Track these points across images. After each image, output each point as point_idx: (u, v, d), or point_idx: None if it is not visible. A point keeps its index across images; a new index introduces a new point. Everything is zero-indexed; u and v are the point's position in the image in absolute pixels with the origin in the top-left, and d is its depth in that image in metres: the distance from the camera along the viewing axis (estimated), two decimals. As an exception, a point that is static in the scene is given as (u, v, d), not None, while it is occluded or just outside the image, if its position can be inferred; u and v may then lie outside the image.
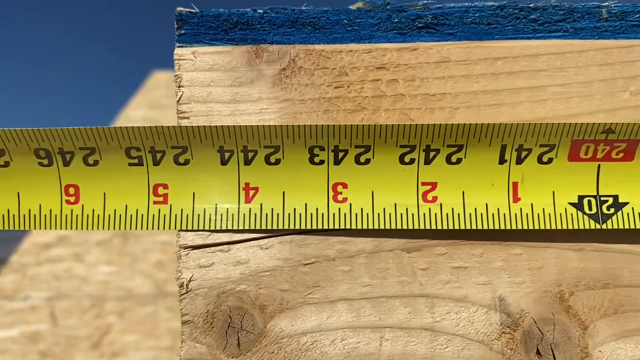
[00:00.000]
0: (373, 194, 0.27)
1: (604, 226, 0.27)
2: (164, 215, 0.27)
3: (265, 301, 0.28)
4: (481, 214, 0.27)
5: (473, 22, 0.30)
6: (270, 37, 0.30)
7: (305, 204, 0.27)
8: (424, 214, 0.27)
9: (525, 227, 0.27)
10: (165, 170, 0.27)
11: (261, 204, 0.27)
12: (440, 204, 0.27)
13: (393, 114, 0.29)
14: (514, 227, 0.27)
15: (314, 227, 0.27)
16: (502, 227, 0.27)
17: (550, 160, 0.27)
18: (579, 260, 0.28)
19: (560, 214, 0.27)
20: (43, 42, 16.43)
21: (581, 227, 0.27)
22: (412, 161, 0.27)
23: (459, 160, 0.27)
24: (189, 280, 0.27)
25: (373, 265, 0.28)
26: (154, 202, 0.27)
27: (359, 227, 0.27)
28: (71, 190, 0.27)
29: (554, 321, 0.28)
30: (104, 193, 0.27)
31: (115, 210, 0.27)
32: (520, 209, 0.27)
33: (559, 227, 0.27)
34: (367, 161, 0.27)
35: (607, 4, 0.30)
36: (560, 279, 0.28)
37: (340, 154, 0.27)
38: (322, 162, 0.27)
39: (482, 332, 0.27)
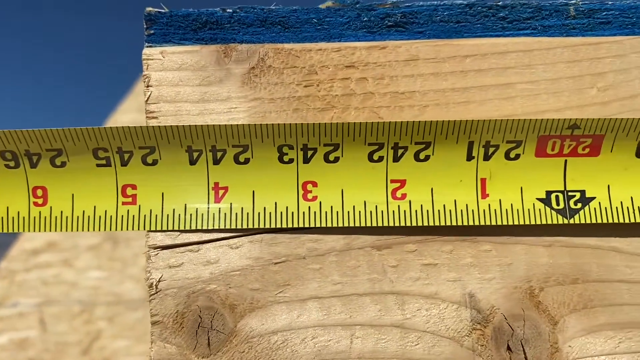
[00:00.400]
0: (343, 192, 0.27)
1: (571, 221, 0.27)
2: (133, 216, 0.27)
3: (236, 300, 0.28)
4: (450, 210, 0.27)
5: (442, 21, 0.30)
6: (240, 37, 0.30)
7: (275, 203, 0.27)
8: (393, 211, 0.27)
9: (493, 223, 0.27)
10: (134, 171, 0.27)
11: (231, 204, 0.27)
12: (410, 201, 0.27)
13: (362, 112, 0.29)
14: (482, 223, 0.27)
15: (284, 225, 0.27)
16: (471, 224, 0.27)
17: (517, 156, 0.27)
18: (548, 256, 0.28)
19: (529, 209, 0.27)
20: (28, 46, 16.44)
21: (549, 222, 0.27)
22: (380, 159, 0.27)
23: (427, 158, 0.27)
24: (158, 281, 0.27)
25: (343, 263, 0.28)
26: (123, 203, 0.27)
27: (329, 225, 0.27)
28: (39, 192, 0.27)
29: (524, 317, 0.28)
30: (72, 194, 0.27)
31: (83, 211, 0.27)
32: (489, 205, 0.27)
33: (527, 222, 0.27)
34: (336, 159, 0.27)
35: (574, 1, 0.31)
36: (529, 275, 0.28)
37: (310, 153, 0.27)
38: (291, 160, 0.27)
39: (453, 329, 0.28)
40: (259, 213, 0.27)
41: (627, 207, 0.28)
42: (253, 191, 0.27)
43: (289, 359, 0.27)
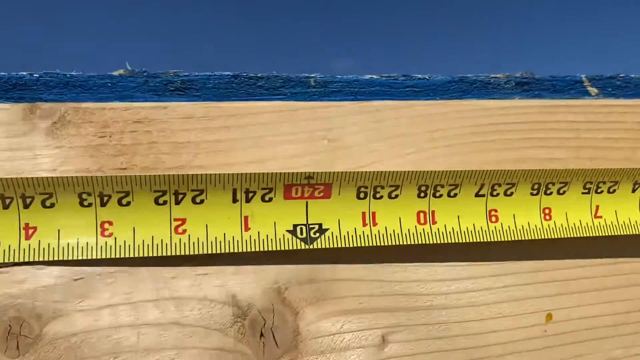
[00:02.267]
0: (134, 230, 0.35)
1: (311, 246, 0.37)
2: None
3: (41, 311, 0.34)
4: (220, 241, 0.35)
5: (214, 87, 0.39)
6: (45, 96, 0.37)
7: (78, 239, 0.34)
8: (175, 243, 0.35)
9: (254, 250, 0.36)
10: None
11: (39, 241, 0.33)
12: (189, 235, 0.35)
13: (148, 157, 0.37)
14: (244, 250, 0.35)
15: (83, 257, 0.34)
16: (236, 251, 0.35)
17: (270, 199, 0.36)
18: (293, 267, 0.38)
19: (280, 239, 0.36)
20: None
21: (295, 247, 0.36)
22: (165, 202, 0.35)
23: (201, 201, 0.35)
24: (-30, 299, 0.33)
25: (133, 277, 0.35)
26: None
27: (124, 256, 0.34)
28: None
29: (274, 310, 0.37)
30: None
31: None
32: (250, 235, 0.36)
33: (279, 248, 0.36)
34: (128, 203, 0.34)
35: (314, 75, 0.41)
36: (278, 278, 0.38)
37: (105, 198, 0.34)
38: (90, 204, 0.34)
39: (220, 322, 0.36)
40: (62, 248, 0.34)
41: (352, 235, 0.38)
42: (59, 230, 0.34)
43: (88, 355, 0.34)
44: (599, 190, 0.42)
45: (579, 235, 0.41)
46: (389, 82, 0.43)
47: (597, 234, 0.41)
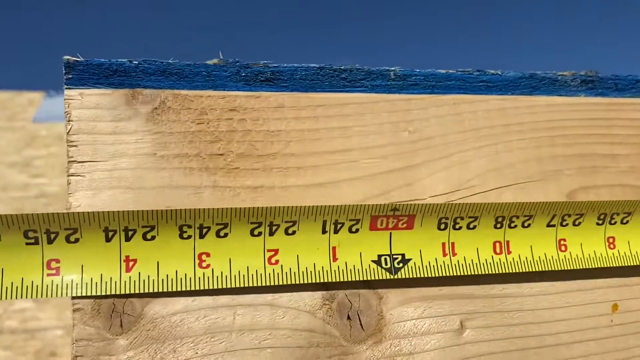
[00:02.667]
0: (230, 260, 0.36)
1: (396, 276, 0.38)
2: (57, 284, 0.33)
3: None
4: (310, 272, 0.37)
5: (301, 78, 0.41)
6: (144, 83, 0.38)
7: (176, 271, 0.35)
8: (269, 274, 0.36)
9: (342, 280, 0.37)
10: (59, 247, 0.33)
11: (139, 273, 0.34)
12: (282, 265, 0.36)
13: (243, 144, 0.38)
14: (334, 280, 0.37)
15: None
16: (325, 280, 0.37)
17: (357, 230, 0.37)
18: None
19: (365, 269, 0.38)
20: None
21: (381, 277, 0.38)
22: (259, 233, 0.36)
23: (294, 232, 0.36)
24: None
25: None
26: (48, 275, 0.33)
27: (221, 286, 0.35)
28: None
29: (359, 294, 0.39)
30: (2, 269, 0.33)
31: (12, 282, 0.33)
32: (338, 266, 0.37)
33: (365, 278, 0.37)
34: (226, 235, 0.35)
35: (394, 68, 0.43)
36: (363, 264, 0.39)
37: (205, 230, 0.35)
38: (189, 237, 0.35)
39: (309, 305, 0.37)
40: (162, 279, 0.35)
41: (433, 265, 0.39)
42: (158, 262, 0.35)
43: (186, 334, 0.35)
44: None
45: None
46: (464, 77, 0.44)
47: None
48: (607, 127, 0.47)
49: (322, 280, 0.37)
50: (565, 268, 0.41)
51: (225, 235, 0.35)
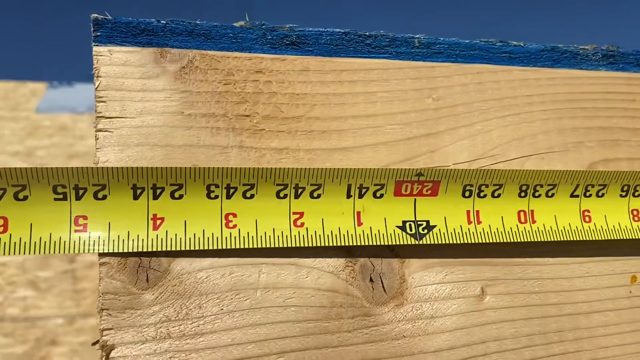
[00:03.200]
0: (257, 222, 0.36)
1: (421, 242, 0.38)
2: (84, 241, 0.33)
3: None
4: (335, 235, 0.37)
5: (326, 43, 0.41)
6: (171, 43, 0.38)
7: (204, 230, 0.35)
8: (295, 235, 0.36)
9: (366, 243, 0.37)
10: (86, 204, 0.33)
11: (167, 231, 0.34)
12: (307, 228, 0.36)
13: (268, 106, 0.38)
14: (358, 243, 0.37)
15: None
16: (350, 244, 0.37)
17: (382, 196, 0.38)
18: (398, 215, 0.39)
19: (390, 234, 0.38)
20: None
21: (405, 242, 0.38)
22: (285, 196, 0.36)
23: (319, 196, 0.36)
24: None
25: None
26: (75, 231, 0.33)
27: (247, 246, 0.35)
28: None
29: (382, 257, 0.39)
30: (31, 224, 0.33)
31: (40, 238, 0.33)
32: (363, 230, 0.37)
33: (390, 243, 0.37)
34: (252, 196, 0.35)
35: (418, 36, 0.43)
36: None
37: (231, 190, 0.35)
38: (216, 197, 0.35)
39: (333, 266, 0.38)
40: (189, 238, 0.35)
41: (458, 233, 0.39)
42: (185, 221, 0.35)
43: (211, 290, 0.35)
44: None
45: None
46: (487, 47, 0.44)
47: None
48: (629, 102, 0.47)
49: (347, 244, 0.37)
50: (590, 238, 0.41)
51: (252, 196, 0.35)
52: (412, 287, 0.39)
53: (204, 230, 0.35)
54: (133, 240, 0.34)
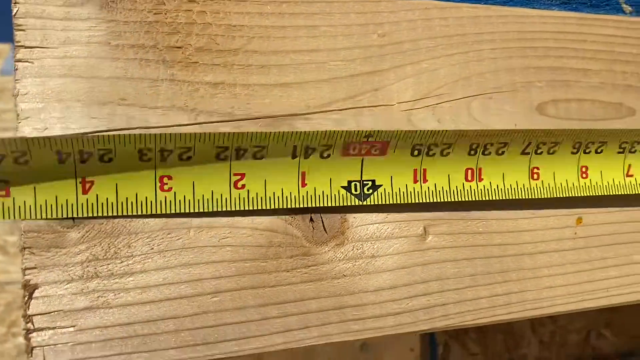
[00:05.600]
0: (194, 184, 0.34)
1: (364, 202, 0.37)
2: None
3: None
4: (278, 197, 0.35)
5: (266, -27, 0.39)
6: (98, -31, 0.35)
7: (136, 194, 0.34)
8: (235, 198, 0.35)
9: (309, 205, 0.36)
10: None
11: (97, 195, 0.33)
12: (248, 190, 0.35)
13: (202, 38, 0.36)
14: (300, 205, 0.36)
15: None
16: (292, 206, 0.36)
17: (328, 156, 0.36)
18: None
19: (334, 195, 0.37)
20: None
21: (349, 203, 0.37)
22: (225, 158, 0.34)
23: (262, 157, 0.35)
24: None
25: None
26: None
27: (183, 210, 0.34)
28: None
29: (323, 197, 0.38)
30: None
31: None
32: (307, 192, 0.36)
33: (333, 204, 0.36)
34: (189, 158, 0.34)
35: (363, -31, 0.41)
36: (327, 167, 0.38)
37: (166, 153, 0.33)
38: (149, 159, 0.33)
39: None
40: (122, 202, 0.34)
41: (403, 192, 0.38)
42: (116, 184, 0.33)
43: (141, 229, 0.34)
44: (632, 150, 0.43)
45: (610, 194, 0.43)
46: (437, -17, 0.43)
47: (629, 192, 0.43)
48: (580, 42, 0.46)
49: (289, 206, 0.36)
50: (536, 197, 0.41)
51: (189, 158, 0.33)
52: (353, 226, 0.38)
53: (136, 194, 0.33)
54: (62, 205, 0.32)
